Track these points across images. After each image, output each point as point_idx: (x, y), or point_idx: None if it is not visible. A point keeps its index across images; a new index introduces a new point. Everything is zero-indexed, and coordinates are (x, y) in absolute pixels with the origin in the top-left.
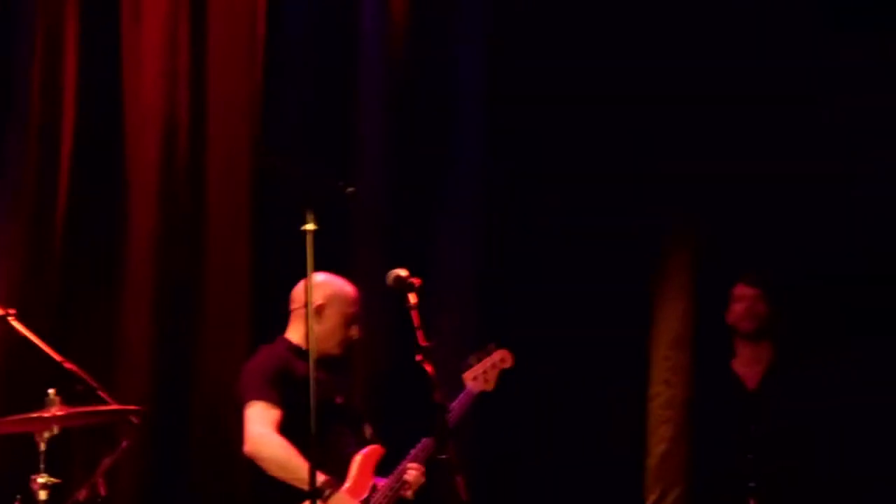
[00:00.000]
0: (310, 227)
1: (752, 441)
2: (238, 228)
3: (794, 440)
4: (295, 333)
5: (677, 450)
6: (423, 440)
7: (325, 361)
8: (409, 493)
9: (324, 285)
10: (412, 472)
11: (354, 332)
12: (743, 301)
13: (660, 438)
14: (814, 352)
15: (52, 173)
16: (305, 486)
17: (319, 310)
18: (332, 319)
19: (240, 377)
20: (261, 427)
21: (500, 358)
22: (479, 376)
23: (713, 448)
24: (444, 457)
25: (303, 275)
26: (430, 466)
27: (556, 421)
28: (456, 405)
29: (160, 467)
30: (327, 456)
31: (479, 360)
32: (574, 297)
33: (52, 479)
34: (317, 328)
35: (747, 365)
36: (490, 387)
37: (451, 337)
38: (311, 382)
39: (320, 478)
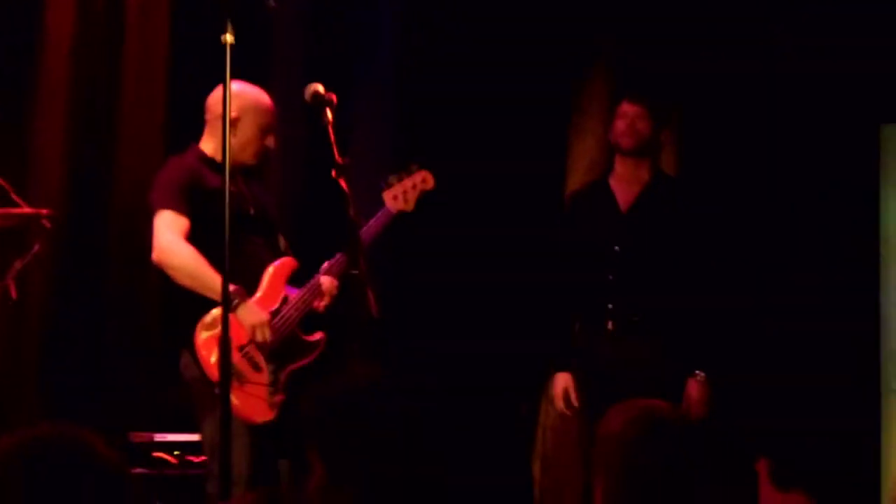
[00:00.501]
0: (229, 38)
1: (614, 261)
2: (156, 35)
3: (657, 263)
4: (208, 144)
5: None
6: (338, 255)
7: (239, 171)
8: (321, 305)
9: (238, 96)
10: (326, 282)
11: (270, 141)
12: (625, 118)
13: None
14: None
15: None
16: (214, 296)
17: (233, 122)
18: (246, 131)
19: (150, 187)
20: (169, 235)
21: (421, 179)
22: (399, 196)
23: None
24: (355, 272)
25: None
26: (343, 281)
27: (468, 245)
28: (373, 223)
29: (73, 273)
30: (240, 267)
31: (400, 180)
32: (489, 126)
33: None
34: (231, 140)
35: (623, 182)
36: (410, 207)
37: (366, 154)
38: (226, 195)
39: (229, 287)
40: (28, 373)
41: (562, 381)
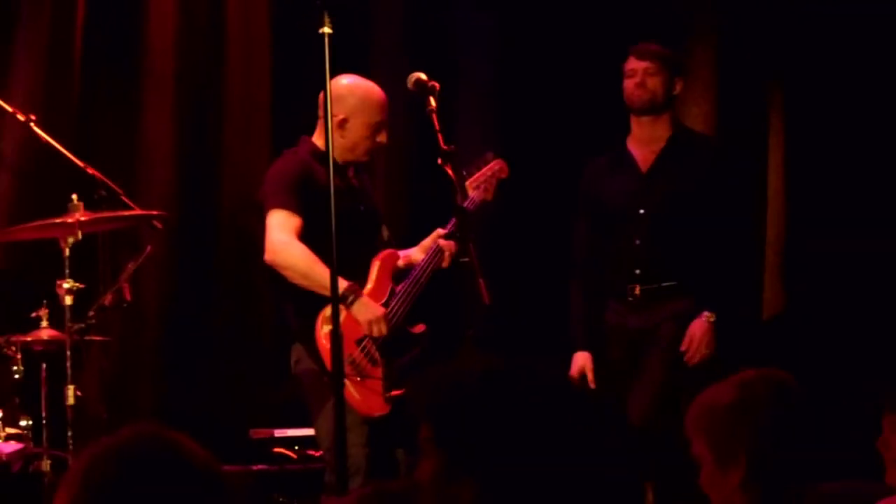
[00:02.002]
0: (326, 30)
1: (640, 225)
2: (258, 30)
3: (679, 227)
4: (320, 138)
5: None
6: (437, 230)
7: (350, 166)
8: (446, 263)
9: (348, 96)
10: (446, 244)
11: (382, 138)
12: (633, 76)
13: None
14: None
15: None
16: (327, 293)
17: (342, 123)
18: (357, 131)
19: (262, 183)
20: (281, 234)
21: (498, 167)
22: (479, 185)
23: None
24: (465, 260)
25: (324, 77)
26: (453, 269)
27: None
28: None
29: (185, 272)
30: (350, 262)
31: (479, 169)
32: (587, 107)
33: (77, 284)
34: (342, 140)
35: (642, 143)
36: (489, 196)
37: (469, 142)
38: (331, 190)
39: (343, 284)
40: (146, 373)
41: (580, 361)
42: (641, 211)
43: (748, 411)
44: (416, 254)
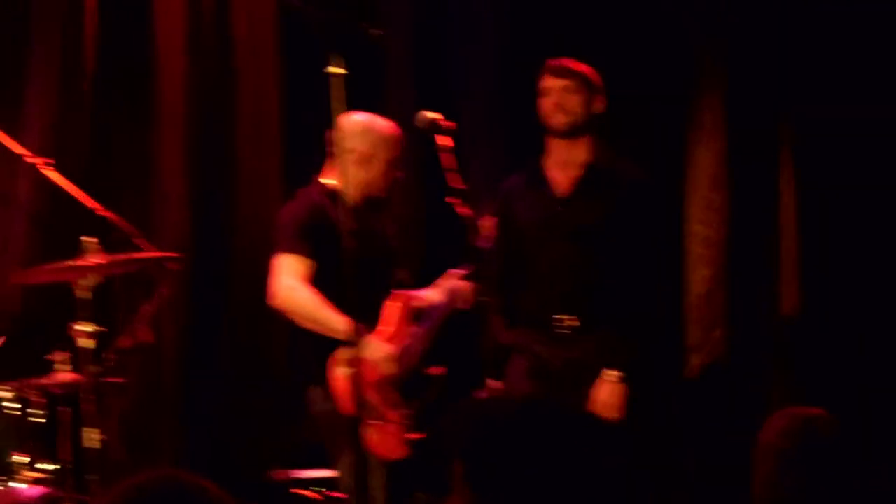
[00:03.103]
0: (336, 70)
1: (553, 253)
2: (267, 70)
3: (592, 260)
4: (332, 177)
5: (717, 290)
6: (450, 271)
7: (366, 204)
8: (466, 305)
9: (370, 131)
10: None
11: (399, 173)
12: (549, 94)
13: (699, 278)
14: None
15: (79, 21)
16: (336, 336)
17: (367, 158)
18: (378, 166)
19: (273, 225)
20: (287, 279)
21: None
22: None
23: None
24: (484, 299)
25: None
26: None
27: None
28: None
29: (201, 313)
30: (364, 303)
31: None
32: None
33: (92, 326)
34: (363, 175)
35: (559, 167)
36: None
37: (481, 178)
38: (345, 233)
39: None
40: (164, 414)
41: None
42: (554, 240)
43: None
44: (433, 295)
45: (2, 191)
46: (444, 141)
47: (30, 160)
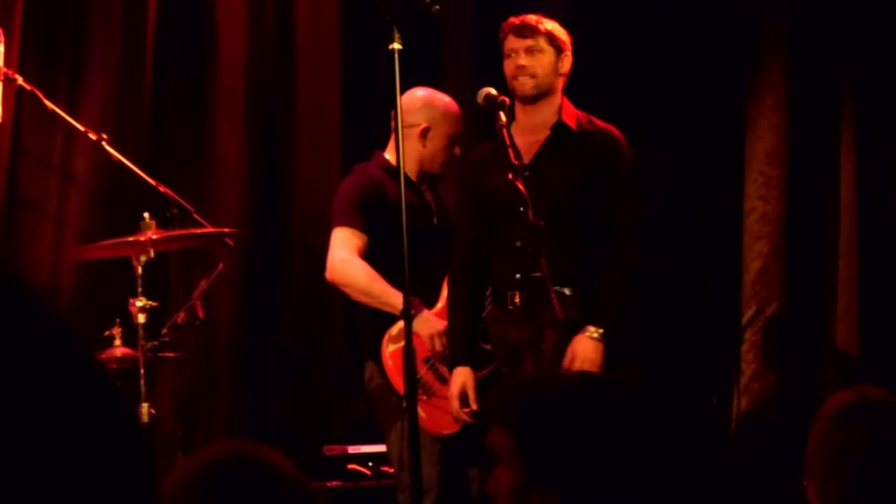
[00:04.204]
0: (396, 46)
1: (519, 225)
2: (328, 47)
3: (561, 229)
4: (393, 152)
5: (774, 266)
6: None
7: (425, 179)
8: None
9: (429, 106)
10: None
11: (457, 150)
12: (514, 56)
13: (756, 255)
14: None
15: None
16: (391, 310)
17: (424, 132)
18: (436, 141)
19: (333, 200)
20: (342, 252)
21: None
22: None
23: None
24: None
25: (393, 92)
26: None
27: (650, 234)
28: None
29: (257, 289)
30: (422, 278)
31: None
32: (662, 118)
33: (150, 302)
34: (421, 150)
35: (525, 132)
36: None
37: None
38: (402, 205)
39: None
40: (219, 390)
41: (460, 378)
42: (521, 209)
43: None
44: None
45: (60, 167)
46: (501, 116)
47: (89, 136)
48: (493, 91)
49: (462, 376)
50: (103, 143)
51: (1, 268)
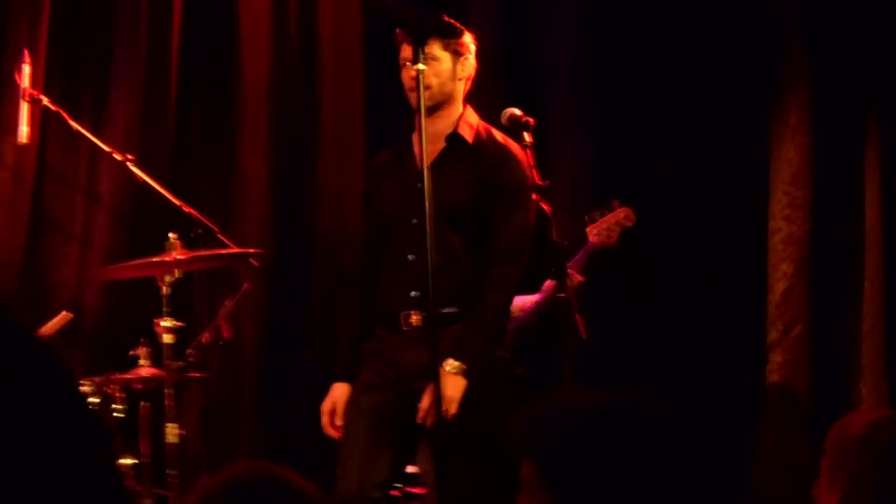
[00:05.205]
0: (420, 66)
1: (412, 237)
2: (352, 67)
3: (454, 243)
4: None
5: (798, 286)
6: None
7: None
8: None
9: None
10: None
11: None
12: (406, 66)
13: (781, 275)
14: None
15: (165, 18)
16: None
17: None
18: None
19: None
20: None
21: (623, 216)
22: (602, 231)
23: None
24: (562, 295)
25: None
26: (550, 305)
27: (677, 261)
28: (578, 257)
29: (282, 309)
30: None
31: (603, 216)
32: (687, 137)
33: (175, 322)
34: None
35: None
36: (612, 242)
37: (566, 178)
38: (427, 226)
39: None
40: (245, 410)
41: (336, 393)
42: (414, 221)
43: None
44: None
45: (86, 187)
46: (526, 137)
47: (114, 156)
48: (517, 111)
49: (337, 391)
50: (128, 163)
51: None
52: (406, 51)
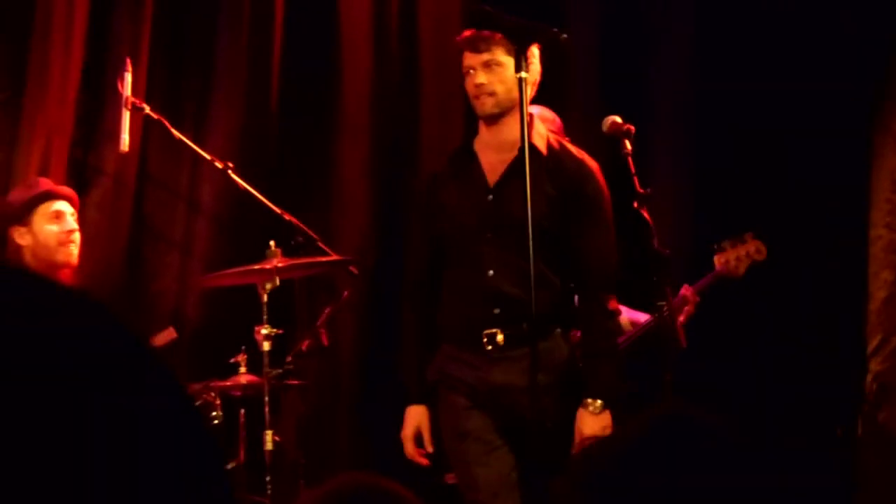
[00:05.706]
0: (523, 74)
1: (490, 252)
2: (451, 79)
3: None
4: None
5: None
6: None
7: None
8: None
9: (553, 122)
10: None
11: None
12: (471, 74)
13: (881, 283)
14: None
15: (266, 28)
16: None
17: None
18: None
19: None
20: None
21: (755, 249)
22: (730, 261)
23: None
24: (663, 304)
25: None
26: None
27: (774, 269)
28: (701, 282)
29: (381, 317)
30: None
31: (733, 246)
32: (792, 142)
33: (274, 329)
34: None
35: (490, 150)
36: (739, 274)
37: (667, 185)
38: (529, 232)
39: None
40: (343, 418)
41: (415, 419)
42: (489, 235)
43: None
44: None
45: (187, 195)
46: (627, 144)
47: (215, 164)
48: (618, 119)
49: (417, 416)
50: (229, 171)
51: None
52: (469, 58)
